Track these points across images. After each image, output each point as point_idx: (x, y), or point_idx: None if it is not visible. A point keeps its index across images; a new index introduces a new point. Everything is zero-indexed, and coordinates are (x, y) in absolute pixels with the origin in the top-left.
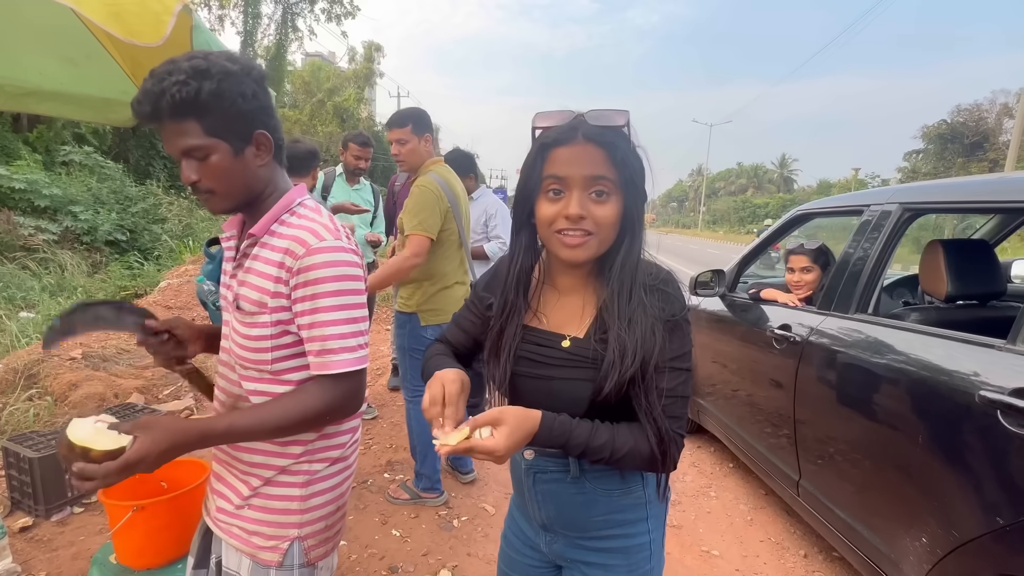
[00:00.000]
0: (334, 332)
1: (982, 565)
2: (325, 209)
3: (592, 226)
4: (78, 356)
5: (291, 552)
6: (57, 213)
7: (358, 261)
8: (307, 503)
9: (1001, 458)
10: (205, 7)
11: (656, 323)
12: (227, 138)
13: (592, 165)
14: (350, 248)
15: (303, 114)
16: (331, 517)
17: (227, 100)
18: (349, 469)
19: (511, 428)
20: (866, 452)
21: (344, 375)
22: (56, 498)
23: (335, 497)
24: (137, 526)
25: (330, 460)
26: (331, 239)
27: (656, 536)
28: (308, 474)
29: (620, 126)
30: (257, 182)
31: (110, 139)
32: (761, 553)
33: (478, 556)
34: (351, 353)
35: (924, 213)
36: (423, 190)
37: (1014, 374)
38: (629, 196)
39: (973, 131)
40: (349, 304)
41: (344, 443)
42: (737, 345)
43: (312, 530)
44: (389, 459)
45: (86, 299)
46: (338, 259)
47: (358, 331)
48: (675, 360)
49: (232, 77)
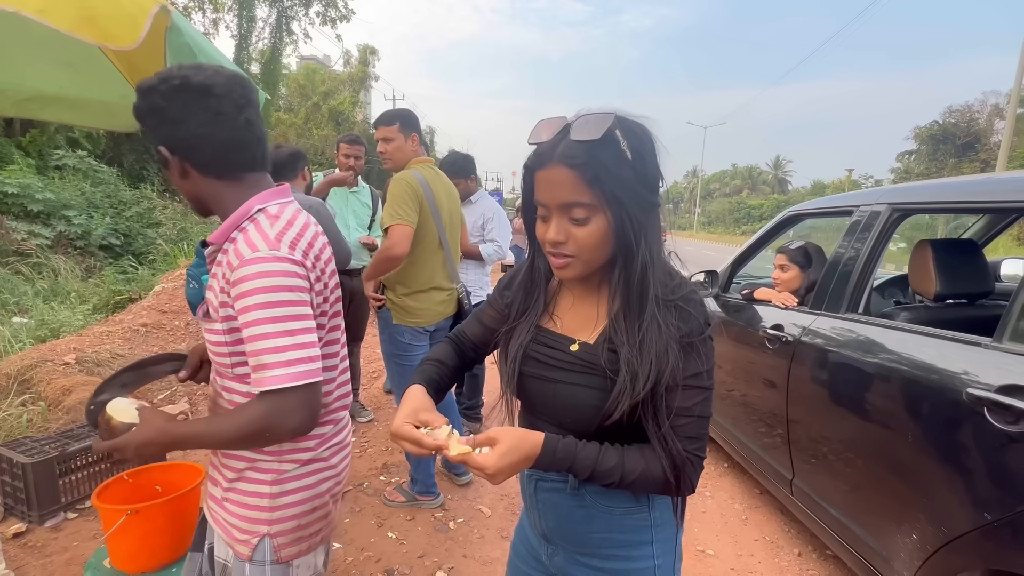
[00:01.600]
0: (267, 346)
1: (971, 560)
2: (291, 215)
3: (573, 249)
4: (72, 361)
5: (261, 548)
6: (50, 218)
7: (299, 271)
8: (276, 501)
9: (988, 455)
10: (199, 11)
11: (671, 342)
12: (157, 152)
13: (565, 190)
14: (289, 258)
15: (298, 117)
16: (304, 517)
17: (144, 116)
18: (329, 471)
19: (506, 448)
20: (858, 451)
21: (281, 391)
22: (50, 504)
23: (309, 498)
24: (131, 530)
25: (300, 461)
26: (265, 249)
27: (663, 563)
28: (277, 472)
29: (596, 139)
30: (193, 193)
31: (104, 143)
32: (756, 552)
33: (474, 558)
34: (286, 368)
35: (913, 213)
36: (397, 183)
37: (1000, 371)
38: (618, 211)
39: (965, 132)
40: (285, 316)
41: (312, 446)
42: (731, 345)
43: (282, 528)
44: (385, 462)
45: (115, 375)
46: (268, 270)
47: (298, 343)
48: (692, 378)
49: (145, 94)
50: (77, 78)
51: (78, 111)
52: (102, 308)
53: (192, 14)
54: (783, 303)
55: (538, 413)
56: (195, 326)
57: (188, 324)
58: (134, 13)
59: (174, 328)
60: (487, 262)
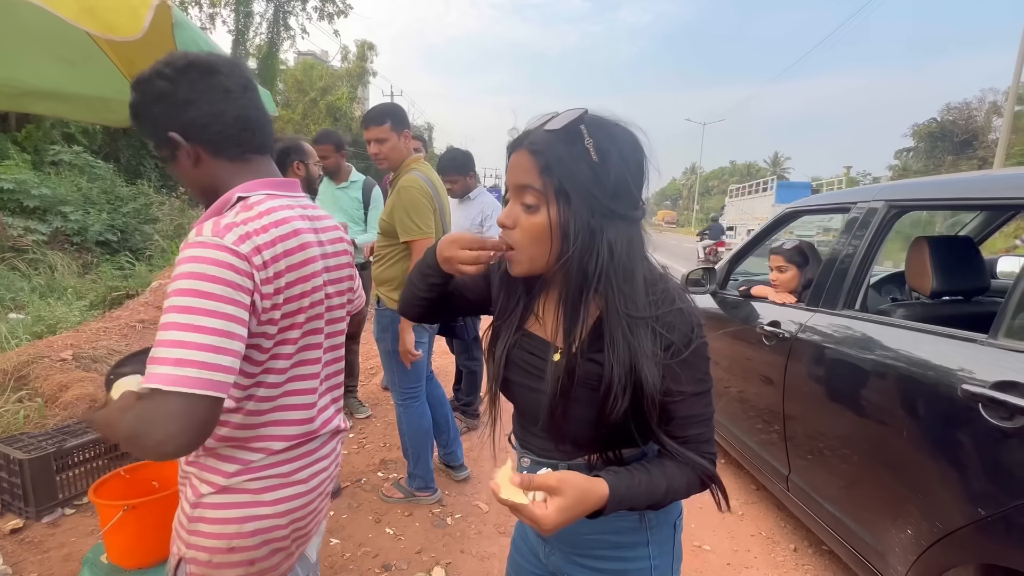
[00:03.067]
0: (165, 338)
1: (965, 555)
2: (266, 208)
3: (516, 237)
4: (68, 357)
5: (180, 570)
6: (47, 213)
7: (233, 263)
8: (193, 525)
9: (983, 451)
10: (196, 5)
11: (644, 360)
12: (160, 144)
13: (520, 173)
14: (228, 247)
15: (296, 113)
16: (218, 555)
17: (141, 108)
18: (260, 508)
19: (568, 503)
20: (853, 447)
21: (161, 394)
22: (47, 500)
23: (225, 534)
24: (128, 525)
25: (215, 486)
26: (207, 235)
27: (660, 563)
28: (195, 493)
29: (558, 129)
30: (201, 181)
31: (100, 139)
32: (752, 547)
33: (471, 553)
34: (174, 368)
35: (910, 210)
36: (410, 191)
37: (995, 368)
38: (565, 207)
39: (963, 129)
40: (198, 308)
41: (230, 472)
42: (728, 342)
43: (195, 556)
44: (383, 458)
45: (136, 352)
46: (200, 255)
47: (200, 343)
48: (689, 385)
49: (142, 84)
50: (73, 73)
51: (74, 106)
52: (99, 304)
53: (189, 9)
54: (781, 301)
55: (526, 419)
56: None
57: None
58: (135, 5)
59: None
60: None
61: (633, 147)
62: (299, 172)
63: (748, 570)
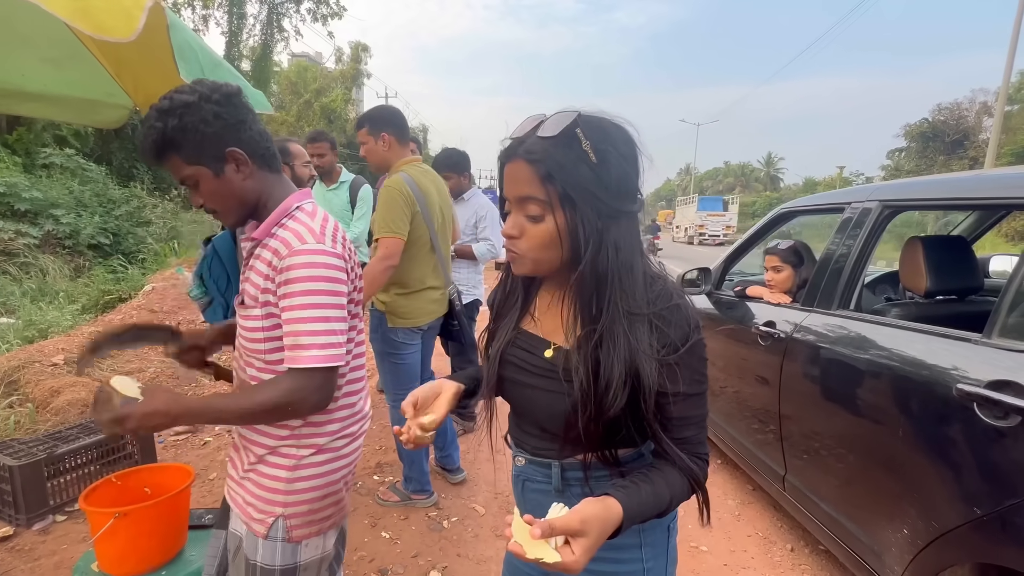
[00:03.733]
0: (305, 328)
1: (960, 554)
2: (322, 212)
3: (523, 246)
4: (60, 362)
5: (275, 527)
6: (38, 216)
7: (339, 264)
8: (292, 485)
9: (978, 450)
10: (188, 7)
11: (642, 357)
12: (205, 163)
13: (520, 185)
14: (332, 251)
15: (290, 115)
16: (316, 502)
17: (191, 131)
18: (341, 460)
19: (593, 542)
20: (849, 446)
21: (311, 370)
22: (37, 507)
23: (321, 484)
24: (119, 533)
25: (316, 447)
26: (312, 242)
27: (654, 566)
28: (295, 458)
29: (554, 136)
30: (249, 194)
31: (92, 141)
32: (749, 547)
33: (468, 557)
34: (320, 350)
35: (903, 210)
36: (389, 190)
37: (989, 367)
38: (571, 212)
39: (954, 129)
40: (323, 303)
41: (332, 432)
42: (724, 342)
43: (296, 511)
44: (379, 461)
45: (111, 330)
46: (315, 261)
47: (330, 330)
48: (686, 386)
49: (191, 109)
50: (61, 75)
51: (61, 107)
52: (91, 308)
53: (182, 10)
54: (776, 301)
55: (522, 418)
56: (186, 326)
57: (179, 324)
58: (128, 7)
59: None
60: (480, 261)
61: (627, 142)
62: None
63: (745, 570)
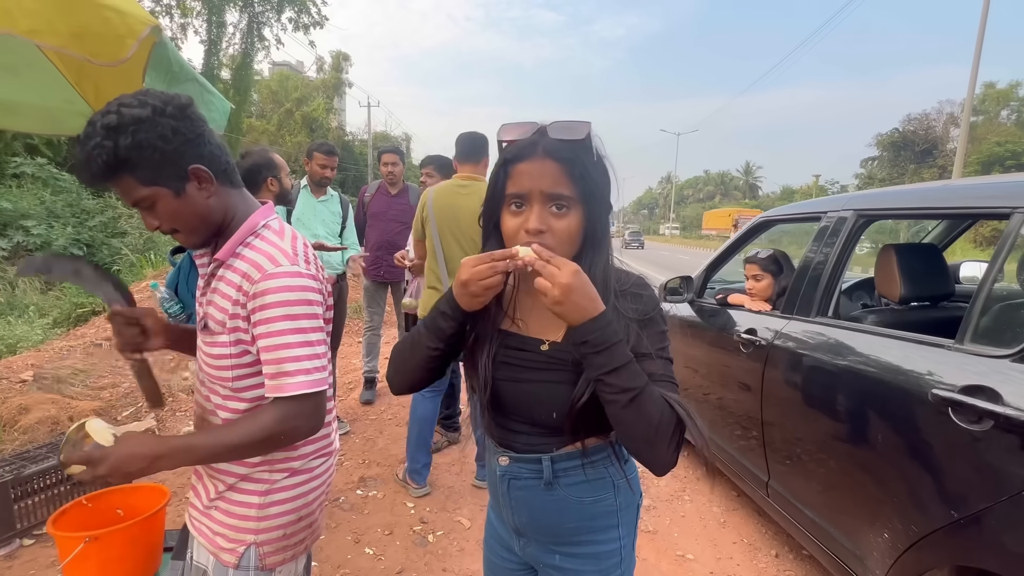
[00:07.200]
0: (289, 355)
1: (940, 557)
2: (290, 230)
3: (551, 240)
4: (29, 379)
5: (247, 556)
6: (7, 228)
7: (315, 286)
8: (264, 511)
9: (954, 454)
10: (166, 15)
11: (630, 323)
12: (164, 183)
13: (551, 181)
14: (307, 273)
15: (271, 124)
16: (291, 526)
17: (148, 149)
18: (315, 480)
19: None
20: (830, 452)
21: (299, 397)
22: (3, 530)
23: (296, 507)
24: (90, 558)
25: (290, 471)
26: (287, 264)
27: (627, 542)
28: (268, 483)
29: (580, 139)
30: (213, 213)
31: (65, 150)
32: (734, 555)
33: (453, 571)
34: (306, 375)
35: (877, 219)
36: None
37: (962, 372)
38: (590, 209)
39: (923, 139)
40: (303, 328)
41: (306, 454)
42: (706, 350)
43: (268, 537)
44: (362, 475)
45: (76, 255)
46: (292, 284)
47: (314, 354)
48: (660, 350)
49: (145, 125)
50: (17, 83)
51: (18, 116)
52: (63, 322)
53: (159, 19)
54: (757, 309)
55: (510, 413)
56: None
57: None
58: (123, 35)
59: None
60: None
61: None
62: (273, 188)
63: None
